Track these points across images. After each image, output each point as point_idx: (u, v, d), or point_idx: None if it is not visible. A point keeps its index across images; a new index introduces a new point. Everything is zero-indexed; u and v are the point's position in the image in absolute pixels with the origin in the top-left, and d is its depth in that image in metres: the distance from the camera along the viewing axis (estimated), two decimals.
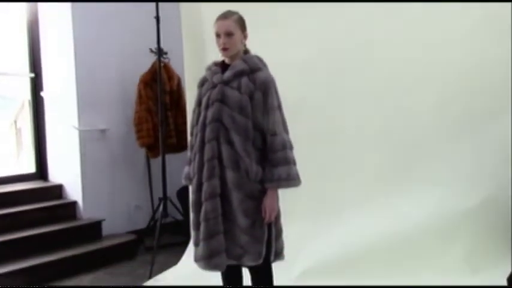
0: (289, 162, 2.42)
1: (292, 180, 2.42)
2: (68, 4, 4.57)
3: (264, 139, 2.44)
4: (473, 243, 3.24)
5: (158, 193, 4.77)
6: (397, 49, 3.42)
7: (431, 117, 3.39)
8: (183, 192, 4.74)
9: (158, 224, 4.27)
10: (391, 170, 3.46)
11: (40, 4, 4.78)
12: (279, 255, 2.57)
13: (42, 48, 4.82)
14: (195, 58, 3.86)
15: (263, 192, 2.44)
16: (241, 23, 2.50)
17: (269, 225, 2.48)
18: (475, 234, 3.25)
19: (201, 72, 2.67)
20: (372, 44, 3.46)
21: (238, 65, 2.47)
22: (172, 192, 4.78)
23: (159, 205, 4.64)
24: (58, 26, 4.71)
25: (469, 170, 3.30)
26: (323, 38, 3.58)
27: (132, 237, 4.64)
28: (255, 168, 2.41)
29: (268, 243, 2.47)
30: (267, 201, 2.43)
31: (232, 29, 2.45)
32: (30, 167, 4.93)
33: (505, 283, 2.79)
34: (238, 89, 2.42)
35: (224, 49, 2.47)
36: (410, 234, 3.29)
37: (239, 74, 2.45)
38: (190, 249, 3.07)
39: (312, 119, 3.62)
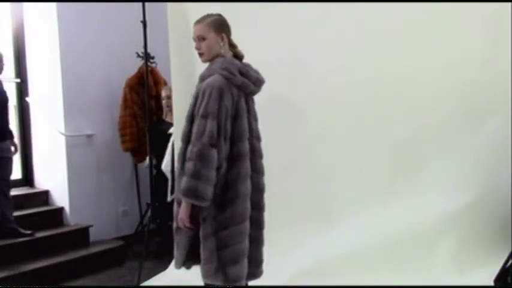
0: (189, 173, 2.22)
1: (182, 193, 2.25)
2: (54, 8, 4.55)
3: None
4: (461, 243, 3.25)
5: (146, 198, 4.75)
6: (393, 49, 3.41)
7: (424, 119, 3.38)
8: None
9: (146, 229, 4.24)
10: (381, 172, 3.46)
11: (25, 8, 4.75)
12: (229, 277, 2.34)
13: (27, 53, 4.79)
14: (182, 60, 3.83)
15: None
16: (215, 25, 2.39)
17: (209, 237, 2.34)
18: (462, 235, 3.26)
19: (188, 76, 2.66)
20: (368, 43, 3.45)
21: (203, 70, 2.44)
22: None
23: (146, 210, 4.62)
24: (44, 30, 4.67)
25: (457, 171, 3.31)
26: (321, 38, 3.57)
27: (119, 243, 4.61)
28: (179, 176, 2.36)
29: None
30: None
31: (203, 33, 2.38)
32: (16, 173, 4.87)
33: (492, 284, 2.80)
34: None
35: (200, 54, 2.43)
36: (398, 235, 3.29)
37: (199, 80, 2.43)
38: None
39: (302, 121, 3.61)
